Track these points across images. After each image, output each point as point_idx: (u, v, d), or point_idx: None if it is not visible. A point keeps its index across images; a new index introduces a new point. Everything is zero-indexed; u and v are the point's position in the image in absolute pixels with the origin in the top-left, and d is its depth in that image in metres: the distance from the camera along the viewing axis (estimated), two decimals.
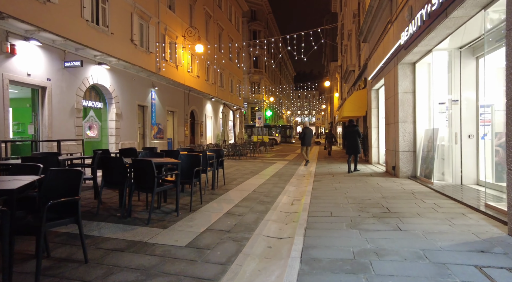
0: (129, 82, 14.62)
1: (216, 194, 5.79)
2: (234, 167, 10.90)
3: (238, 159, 14.13)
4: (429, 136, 6.86)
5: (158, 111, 17.26)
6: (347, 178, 7.81)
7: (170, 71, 18.29)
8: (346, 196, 5.54)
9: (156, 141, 16.89)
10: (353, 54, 17.75)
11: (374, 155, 11.44)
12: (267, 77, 50.03)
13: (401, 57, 7.18)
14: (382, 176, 8.01)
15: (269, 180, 7.80)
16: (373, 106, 11.49)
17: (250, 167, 10.84)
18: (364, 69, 13.21)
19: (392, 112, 8.16)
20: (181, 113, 19.99)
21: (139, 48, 15.14)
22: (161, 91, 17.58)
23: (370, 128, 11.75)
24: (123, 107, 14.17)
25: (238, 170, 9.85)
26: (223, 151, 6.71)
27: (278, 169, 10.33)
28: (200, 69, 22.62)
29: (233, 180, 7.65)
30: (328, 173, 9.08)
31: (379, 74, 9.77)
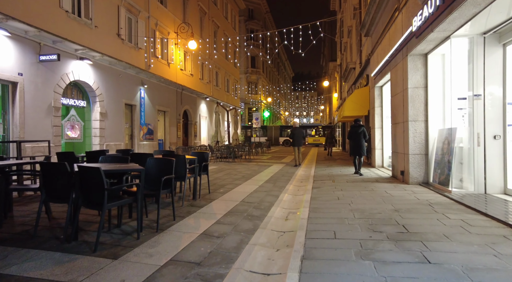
0: (115, 79, 13.70)
1: (197, 206, 4.87)
2: (225, 171, 9.99)
3: (231, 162, 13.22)
4: (444, 137, 5.98)
5: (148, 111, 16.34)
6: (350, 185, 6.92)
7: (161, 69, 17.37)
8: (351, 208, 4.65)
9: (145, 142, 15.96)
10: (354, 51, 16.90)
11: (377, 158, 10.57)
12: (265, 77, 49.20)
13: (412, 47, 6.31)
14: (389, 182, 7.13)
15: (262, 187, 6.89)
16: (377, 105, 10.62)
17: (243, 171, 9.93)
18: (366, 66, 12.35)
19: (400, 110, 7.29)
20: (173, 112, 19.07)
21: (127, 44, 14.23)
22: (151, 89, 16.67)
23: (373, 129, 10.88)
24: (109, 105, 13.24)
25: (229, 175, 8.94)
26: (207, 154, 5.80)
27: (274, 173, 9.43)
28: (194, 67, 21.72)
29: (220, 187, 6.74)
30: (328, 177, 8.19)
31: (384, 69, 8.90)
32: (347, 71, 18.41)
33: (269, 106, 51.54)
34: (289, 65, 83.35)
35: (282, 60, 72.51)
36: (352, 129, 8.72)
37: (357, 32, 15.77)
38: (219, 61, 26.86)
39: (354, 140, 8.64)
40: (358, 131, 8.52)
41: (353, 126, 8.77)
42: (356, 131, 8.55)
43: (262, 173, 9.49)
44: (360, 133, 8.49)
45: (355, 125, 8.76)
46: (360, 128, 8.54)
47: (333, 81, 36.43)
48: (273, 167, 11.47)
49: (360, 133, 8.49)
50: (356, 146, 8.58)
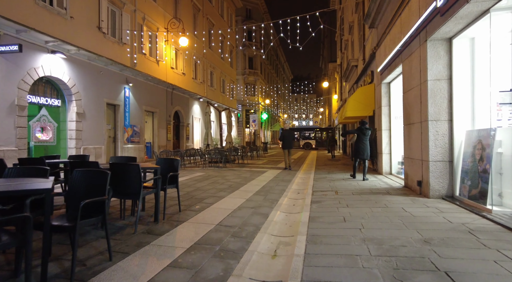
0: (95, 76, 12.49)
1: (154, 233, 3.63)
2: (212, 178, 8.75)
3: (222, 167, 11.99)
4: (476, 140, 4.78)
5: (134, 111, 15.12)
6: (357, 198, 5.69)
7: (149, 66, 16.17)
8: (364, 236, 3.43)
9: (130, 145, 14.72)
10: (356, 47, 15.74)
11: (385, 164, 9.35)
12: (263, 78, 48.09)
13: (433, 30, 5.12)
14: (403, 195, 5.90)
15: (249, 201, 5.66)
16: (384, 104, 9.42)
17: (232, 179, 8.70)
18: (371, 61, 11.17)
19: (415, 108, 6.08)
20: (163, 113, 17.85)
21: (109, 38, 13.04)
22: (138, 88, 15.45)
23: (379, 131, 9.67)
24: (87, 105, 12.02)
25: (214, 184, 7.70)
26: (177, 161, 4.57)
27: (267, 182, 8.20)
28: (186, 66, 20.54)
29: (198, 202, 5.50)
30: (330, 188, 6.96)
31: (394, 61, 7.71)
32: (348, 70, 17.26)
33: (268, 108, 50.40)
34: (288, 67, 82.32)
35: (280, 61, 71.47)
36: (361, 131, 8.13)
37: (359, 27, 14.63)
38: (214, 60, 25.70)
39: (362, 142, 8.06)
40: (367, 133, 8.08)
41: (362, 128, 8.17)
42: (364, 133, 8.07)
43: (253, 181, 8.26)
44: (367, 135, 8.10)
45: (364, 126, 8.18)
46: (369, 131, 8.18)
47: (332, 82, 35.31)
48: (267, 173, 10.24)
49: (367, 135, 8.10)
50: (364, 149, 8.03)
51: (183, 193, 6.32)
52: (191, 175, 9.42)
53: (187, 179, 8.41)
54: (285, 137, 11.29)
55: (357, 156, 8.18)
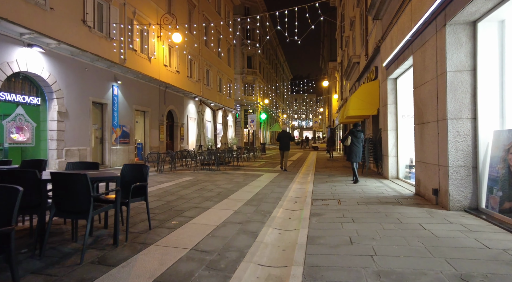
0: (79, 73, 11.67)
1: (107, 264, 2.80)
2: (200, 184, 7.92)
3: (215, 170, 11.17)
4: (507, 143, 3.97)
5: (123, 110, 14.29)
6: (363, 210, 4.88)
7: (140, 63, 15.36)
8: (378, 268, 2.61)
9: (119, 146, 13.90)
10: (357, 43, 14.94)
11: (391, 168, 8.54)
12: (262, 78, 47.33)
13: (455, 11, 4.31)
14: (417, 205, 5.09)
15: (237, 214, 4.84)
16: (390, 101, 8.61)
17: (223, 184, 7.88)
18: (375, 56, 10.37)
19: (430, 104, 5.28)
20: (155, 113, 17.03)
21: (96, 32, 12.23)
22: (127, 86, 14.63)
23: (385, 131, 8.87)
24: (70, 104, 11.20)
25: (201, 191, 6.88)
26: (146, 168, 3.75)
27: (261, 188, 7.38)
28: (181, 64, 19.73)
29: (176, 215, 4.68)
30: (332, 195, 6.15)
31: (403, 53, 6.90)
32: (349, 67, 16.45)
33: (267, 108, 49.61)
34: (288, 67, 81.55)
35: (280, 61, 70.68)
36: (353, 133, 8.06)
37: (361, 21, 13.83)
38: (210, 58, 24.90)
39: (356, 144, 7.95)
40: (358, 135, 7.99)
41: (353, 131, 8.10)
42: (356, 136, 7.98)
43: (246, 187, 7.43)
44: (360, 137, 8.00)
45: (356, 129, 8.12)
46: (361, 133, 8.07)
47: (333, 81, 34.52)
48: (263, 177, 9.43)
49: (360, 137, 8.00)
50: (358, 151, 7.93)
51: (161, 203, 5.49)
52: (178, 180, 8.60)
53: (171, 185, 7.58)
54: (282, 138, 11.16)
55: (351, 159, 7.99)
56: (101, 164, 13.17)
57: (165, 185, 7.50)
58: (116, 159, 13.66)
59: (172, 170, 11.34)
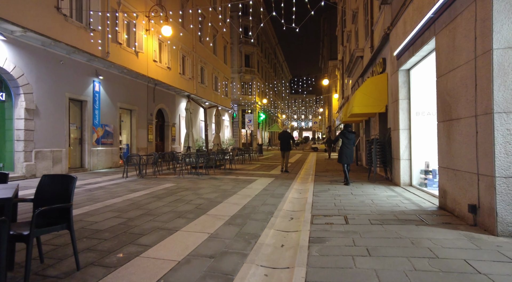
0: (53, 66, 10.48)
1: None
2: (179, 193, 6.73)
3: (204, 175, 9.99)
4: None
5: (106, 108, 13.11)
6: (379, 232, 3.70)
7: (126, 58, 14.19)
8: None
9: (101, 147, 12.70)
10: (361, 35, 13.78)
11: (403, 173, 7.36)
12: (260, 77, 46.18)
13: None
14: (449, 226, 3.91)
15: (213, 240, 3.66)
16: (401, 96, 7.44)
17: (207, 193, 6.70)
18: (383, 46, 9.20)
19: (464, 95, 4.11)
20: (143, 112, 15.84)
21: (73, 22, 11.05)
22: (111, 82, 13.45)
23: (395, 131, 7.70)
24: (42, 100, 10.02)
25: (177, 203, 5.69)
26: (73, 181, 2.56)
27: (252, 197, 6.20)
28: (172, 60, 18.56)
29: (128, 242, 3.48)
30: (336, 208, 4.97)
31: (421, 36, 5.73)
32: (352, 62, 15.29)
33: (265, 108, 48.46)
34: (287, 67, 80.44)
35: (279, 60, 69.56)
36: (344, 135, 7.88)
37: (365, 12, 12.69)
38: (205, 55, 23.73)
39: (348, 146, 7.83)
40: (350, 137, 7.82)
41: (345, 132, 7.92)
42: (348, 137, 7.82)
43: (233, 197, 6.25)
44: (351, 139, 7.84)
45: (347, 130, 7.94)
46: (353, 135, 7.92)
47: (333, 80, 33.37)
48: (256, 183, 8.25)
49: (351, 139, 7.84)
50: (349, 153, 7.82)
51: (118, 222, 4.30)
52: (155, 188, 7.41)
53: (143, 195, 6.39)
54: (282, 139, 11.06)
55: (342, 161, 7.84)
56: (80, 167, 11.98)
57: (135, 195, 6.31)
58: (97, 162, 12.47)
59: (156, 175, 10.15)
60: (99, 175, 10.37)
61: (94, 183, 8.28)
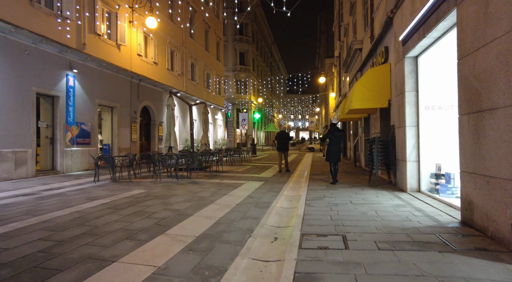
0: (16, 56, 9.35)
1: None
2: (144, 202, 5.65)
3: (185, 178, 8.91)
4: None
5: (82, 105, 11.99)
6: (390, 265, 2.65)
7: (106, 51, 13.09)
8: None
9: (76, 148, 11.58)
10: (359, 26, 12.77)
11: (410, 177, 6.34)
12: (256, 76, 45.14)
13: None
14: (487, 256, 2.86)
15: (159, 275, 2.60)
16: (408, 88, 6.42)
17: (177, 203, 5.62)
18: (385, 32, 8.18)
19: (502, 77, 3.09)
20: (126, 109, 14.73)
21: (41, 8, 9.93)
22: (88, 77, 12.33)
23: (401, 128, 6.67)
24: (2, 95, 8.89)
25: (134, 217, 4.61)
26: None
27: (231, 208, 5.14)
28: (159, 55, 17.46)
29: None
30: (332, 224, 3.92)
31: (436, 11, 4.70)
32: (349, 56, 14.28)
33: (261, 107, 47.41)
34: (283, 66, 79.46)
35: (275, 59, 68.57)
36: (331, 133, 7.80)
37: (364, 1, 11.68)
38: (196, 51, 22.63)
39: (335, 144, 7.77)
40: (338, 135, 7.78)
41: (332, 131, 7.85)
42: (336, 135, 7.76)
43: (208, 207, 5.17)
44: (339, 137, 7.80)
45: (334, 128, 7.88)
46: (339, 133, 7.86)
47: (330, 77, 32.42)
48: (241, 188, 7.18)
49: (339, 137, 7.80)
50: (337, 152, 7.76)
51: (41, 247, 3.21)
52: (120, 195, 6.31)
53: (100, 205, 5.29)
54: (280, 139, 10.83)
55: (329, 160, 7.82)
56: (51, 169, 10.86)
57: (90, 205, 5.21)
58: (72, 163, 11.36)
59: (131, 178, 9.05)
60: (69, 179, 9.27)
61: (56, 189, 7.18)
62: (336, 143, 7.75)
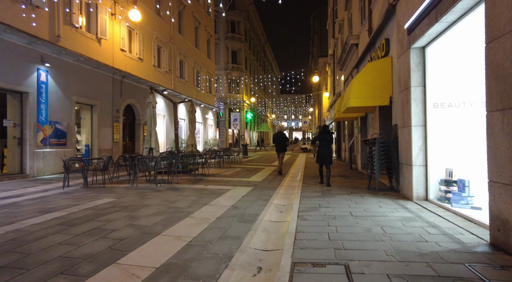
0: None
1: None
2: (108, 215, 4.78)
3: (165, 183, 8.04)
4: None
5: (57, 103, 11.01)
6: None
7: (85, 44, 12.12)
8: None
9: (49, 149, 10.61)
10: (355, 21, 12.05)
11: (416, 183, 5.59)
12: (248, 75, 44.26)
13: None
14: None
15: None
16: (414, 83, 5.67)
17: (146, 216, 4.77)
18: (386, 23, 7.44)
19: None
20: (107, 108, 13.76)
21: None
22: (63, 72, 11.34)
23: (405, 128, 5.93)
24: None
25: (89, 236, 3.74)
26: None
27: (208, 225, 4.30)
28: (145, 50, 16.51)
29: None
30: (331, 247, 3.12)
31: None
32: (345, 53, 13.55)
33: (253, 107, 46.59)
34: (277, 66, 78.72)
35: (268, 59, 67.81)
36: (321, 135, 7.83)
37: None
38: (185, 47, 21.70)
39: (325, 146, 7.80)
40: (327, 137, 7.82)
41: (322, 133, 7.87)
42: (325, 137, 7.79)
43: (181, 223, 4.33)
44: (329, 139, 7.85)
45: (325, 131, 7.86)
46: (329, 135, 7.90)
47: (323, 76, 31.77)
48: (225, 196, 6.35)
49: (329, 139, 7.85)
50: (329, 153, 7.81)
51: None
52: (83, 205, 5.42)
53: (50, 220, 4.38)
54: (277, 140, 10.62)
55: (319, 162, 7.90)
56: (19, 173, 9.87)
57: (37, 220, 4.32)
58: (44, 166, 10.38)
59: (106, 183, 8.14)
60: (37, 184, 8.32)
61: (13, 197, 6.25)
62: (326, 145, 7.82)
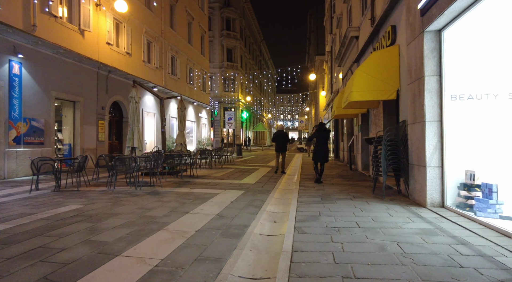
0: None
1: None
2: (64, 228, 3.94)
3: (148, 186, 7.23)
4: None
5: (32, 98, 10.13)
6: None
7: (66, 35, 11.25)
8: None
9: (24, 148, 9.72)
10: (355, 12, 11.31)
11: (430, 187, 4.84)
12: (244, 73, 43.45)
13: None
14: None
15: None
16: (428, 72, 4.92)
17: (110, 228, 3.96)
18: (392, 8, 6.67)
19: None
20: (91, 104, 12.89)
21: None
22: (40, 65, 10.46)
23: (418, 123, 5.18)
24: None
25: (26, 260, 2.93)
26: None
27: (183, 241, 3.52)
28: (134, 45, 15.65)
29: None
30: (336, 274, 2.36)
31: None
32: (343, 47, 12.82)
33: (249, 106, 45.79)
34: (273, 65, 77.98)
35: (264, 58, 67.06)
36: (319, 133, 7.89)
37: None
38: (177, 43, 20.85)
39: (322, 144, 7.83)
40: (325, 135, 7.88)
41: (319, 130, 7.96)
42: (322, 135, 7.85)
43: (150, 239, 3.54)
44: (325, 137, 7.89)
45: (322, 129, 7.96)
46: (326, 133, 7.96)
47: (320, 74, 31.07)
48: (211, 202, 5.56)
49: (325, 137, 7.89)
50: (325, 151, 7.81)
51: None
52: (40, 214, 4.59)
53: None
54: (278, 139, 10.42)
55: (315, 159, 7.93)
56: None
57: None
58: (17, 167, 9.49)
59: (81, 186, 7.30)
60: (3, 187, 7.45)
61: None
62: (323, 143, 7.89)
